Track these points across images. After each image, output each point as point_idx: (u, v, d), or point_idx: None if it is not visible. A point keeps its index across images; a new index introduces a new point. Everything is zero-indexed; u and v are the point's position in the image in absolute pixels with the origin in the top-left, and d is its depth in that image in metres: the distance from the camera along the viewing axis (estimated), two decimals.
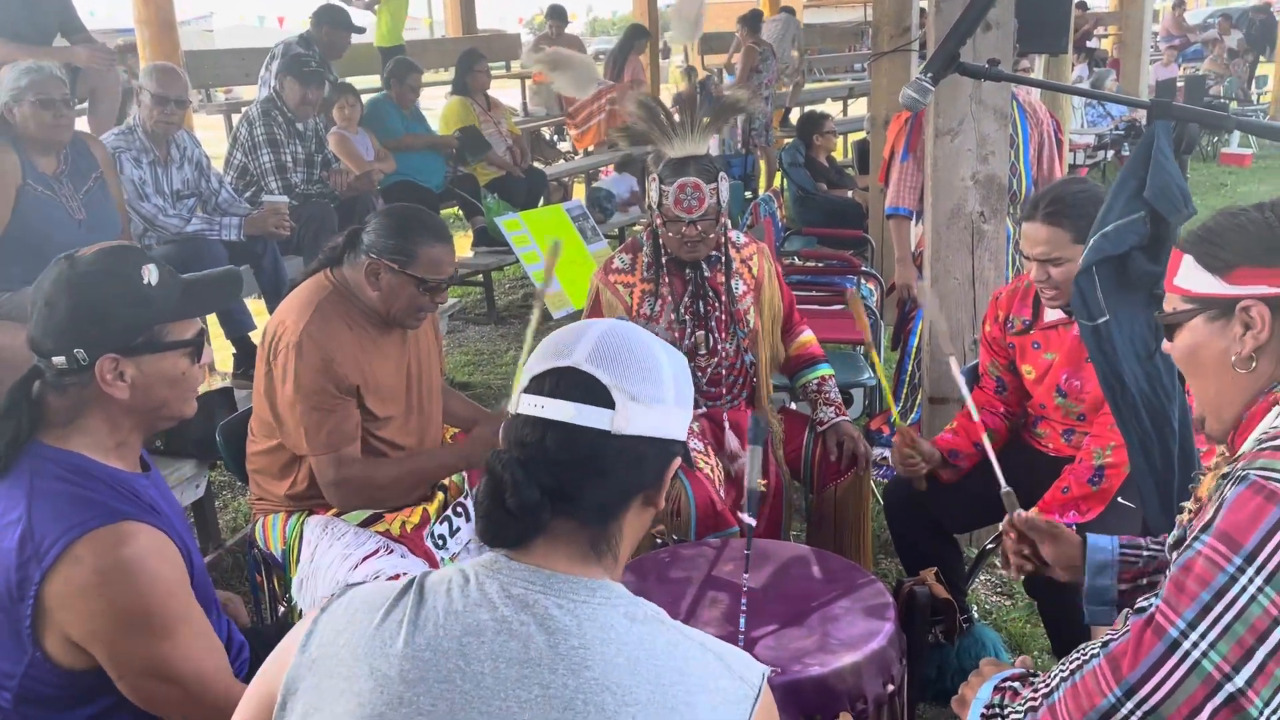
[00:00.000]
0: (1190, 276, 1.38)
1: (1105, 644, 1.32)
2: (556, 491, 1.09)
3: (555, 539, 1.11)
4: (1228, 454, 1.40)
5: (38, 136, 3.24)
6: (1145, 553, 1.71)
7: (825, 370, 2.86)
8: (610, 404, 1.10)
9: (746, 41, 9.17)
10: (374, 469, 2.34)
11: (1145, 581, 1.68)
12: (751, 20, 9.31)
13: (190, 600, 1.54)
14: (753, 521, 1.92)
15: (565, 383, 1.11)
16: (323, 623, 1.11)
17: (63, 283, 1.52)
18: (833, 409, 2.79)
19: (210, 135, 5.53)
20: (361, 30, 6.29)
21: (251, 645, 1.83)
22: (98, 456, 1.55)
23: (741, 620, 1.83)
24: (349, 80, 5.90)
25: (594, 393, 1.11)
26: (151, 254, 1.62)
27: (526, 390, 1.13)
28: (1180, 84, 10.89)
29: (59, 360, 1.51)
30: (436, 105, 7.31)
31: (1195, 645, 1.21)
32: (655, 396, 1.13)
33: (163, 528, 1.52)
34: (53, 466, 1.50)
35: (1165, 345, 1.45)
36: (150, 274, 1.55)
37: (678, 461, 1.18)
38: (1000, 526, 1.93)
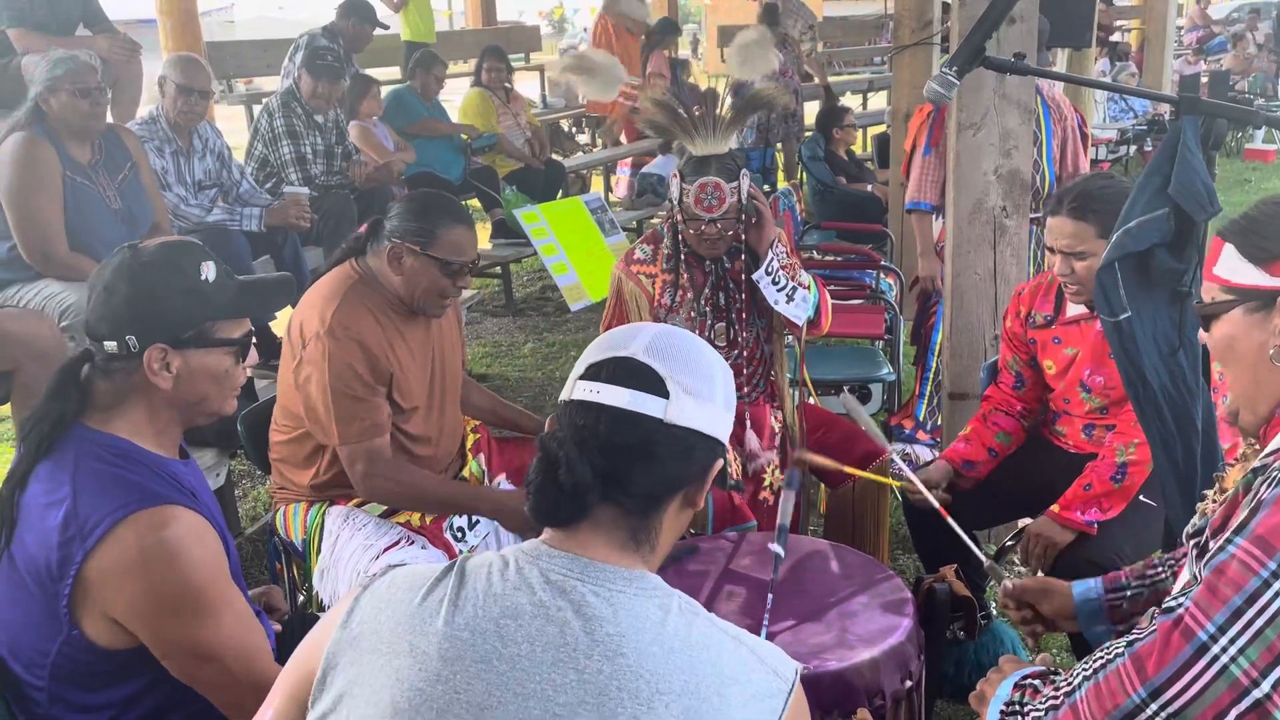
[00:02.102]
0: (1231, 266, 1.35)
1: (1130, 643, 1.31)
2: (608, 474, 1.10)
3: (598, 526, 1.12)
4: (1256, 445, 1.38)
5: (75, 126, 3.24)
6: (1129, 592, 1.71)
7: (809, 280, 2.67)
8: (665, 393, 1.13)
9: None
10: (416, 478, 2.32)
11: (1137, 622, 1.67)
12: (767, 15, 9.21)
13: (230, 583, 1.57)
14: (781, 552, 1.96)
15: (622, 370, 1.14)
16: (364, 600, 1.13)
17: (124, 270, 1.56)
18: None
19: (230, 126, 5.53)
20: (386, 27, 6.32)
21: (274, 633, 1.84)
22: (139, 441, 1.58)
23: (763, 634, 1.83)
24: (368, 72, 5.92)
25: (650, 381, 1.13)
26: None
27: (582, 377, 1.15)
28: (1204, 79, 10.77)
29: (111, 345, 1.56)
30: (455, 98, 7.31)
31: (1224, 650, 1.20)
32: (707, 394, 1.16)
33: (203, 513, 1.56)
34: (96, 449, 1.54)
35: (1201, 335, 1.43)
36: (208, 271, 1.60)
37: (720, 463, 1.20)
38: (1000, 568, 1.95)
